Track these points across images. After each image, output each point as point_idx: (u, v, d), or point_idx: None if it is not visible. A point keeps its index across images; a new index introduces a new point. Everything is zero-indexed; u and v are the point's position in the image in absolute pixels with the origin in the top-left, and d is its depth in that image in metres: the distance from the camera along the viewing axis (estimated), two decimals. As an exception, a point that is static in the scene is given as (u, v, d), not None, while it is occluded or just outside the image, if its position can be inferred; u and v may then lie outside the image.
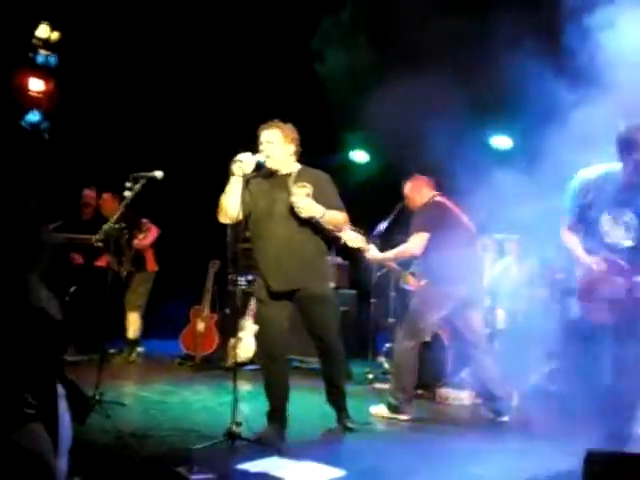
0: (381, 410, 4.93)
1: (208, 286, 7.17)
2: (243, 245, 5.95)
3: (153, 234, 7.13)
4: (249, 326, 6.59)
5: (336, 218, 4.10)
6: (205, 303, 7.14)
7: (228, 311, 7.01)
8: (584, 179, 3.72)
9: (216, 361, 6.81)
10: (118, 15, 7.10)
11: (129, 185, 4.97)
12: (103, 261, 6.85)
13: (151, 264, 7.21)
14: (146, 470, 3.27)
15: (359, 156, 9.18)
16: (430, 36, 5.75)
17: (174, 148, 8.19)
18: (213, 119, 8.30)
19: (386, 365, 6.69)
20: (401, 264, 5.63)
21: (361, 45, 7.30)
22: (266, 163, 4.08)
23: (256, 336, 4.77)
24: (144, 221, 7.06)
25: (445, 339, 5.85)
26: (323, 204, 4.02)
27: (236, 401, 3.80)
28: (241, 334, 6.61)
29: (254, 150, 4.09)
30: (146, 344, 7.35)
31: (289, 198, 4.02)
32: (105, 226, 5.21)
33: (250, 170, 4.01)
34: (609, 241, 3.64)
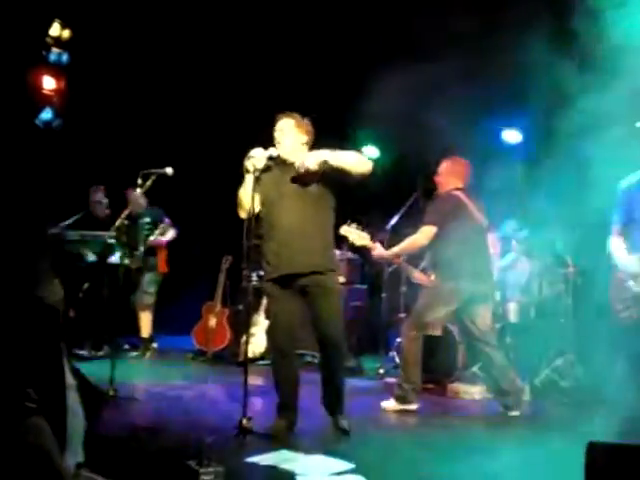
0: (391, 404, 4.95)
1: (220, 282, 7.21)
2: (255, 241, 5.97)
3: (171, 235, 7.18)
4: (261, 322, 6.63)
5: (346, 155, 4.03)
6: (217, 299, 7.18)
7: (241, 307, 7.05)
8: (625, 187, 4.26)
9: (228, 356, 6.86)
10: (129, 12, 7.13)
11: (140, 182, 5.03)
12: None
13: (162, 265, 7.25)
14: (157, 463, 3.31)
15: (370, 152, 9.17)
16: (439, 30, 5.72)
17: (186, 144, 8.22)
18: (225, 115, 8.32)
19: (397, 360, 6.70)
20: (411, 259, 5.62)
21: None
22: (278, 153, 4.09)
23: (266, 331, 4.78)
24: (167, 221, 7.12)
25: (456, 334, 5.85)
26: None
27: (247, 396, 3.83)
28: (253, 330, 6.65)
29: (266, 146, 4.11)
30: (159, 339, 7.42)
31: (300, 187, 4.03)
32: (117, 222, 5.27)
33: (262, 165, 4.02)
34: None
